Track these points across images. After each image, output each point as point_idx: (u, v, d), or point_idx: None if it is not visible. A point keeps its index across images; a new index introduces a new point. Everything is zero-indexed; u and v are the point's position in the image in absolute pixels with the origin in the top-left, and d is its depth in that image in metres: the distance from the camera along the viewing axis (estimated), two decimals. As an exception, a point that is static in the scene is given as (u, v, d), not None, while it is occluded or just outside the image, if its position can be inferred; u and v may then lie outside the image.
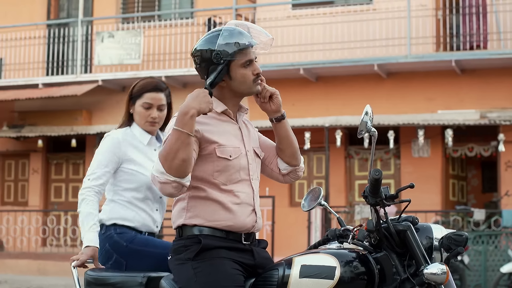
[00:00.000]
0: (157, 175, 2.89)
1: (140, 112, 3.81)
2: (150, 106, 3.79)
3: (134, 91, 3.82)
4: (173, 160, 2.86)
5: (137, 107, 3.82)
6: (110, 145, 3.76)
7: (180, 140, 2.87)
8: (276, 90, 3.21)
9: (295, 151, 3.31)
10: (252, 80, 3.11)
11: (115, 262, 3.63)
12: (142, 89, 3.80)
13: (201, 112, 2.93)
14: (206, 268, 2.98)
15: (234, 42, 3.05)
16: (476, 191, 17.01)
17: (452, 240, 3.00)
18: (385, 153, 14.61)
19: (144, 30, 15.91)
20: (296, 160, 3.33)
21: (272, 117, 3.23)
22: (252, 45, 3.09)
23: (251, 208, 3.13)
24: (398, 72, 14.46)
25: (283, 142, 3.27)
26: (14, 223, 16.19)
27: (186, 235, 3.08)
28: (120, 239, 3.66)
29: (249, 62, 3.10)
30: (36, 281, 13.57)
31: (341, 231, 3.27)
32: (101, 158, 3.74)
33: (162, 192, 2.93)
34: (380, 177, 2.93)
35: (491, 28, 14.00)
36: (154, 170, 2.92)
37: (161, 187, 2.90)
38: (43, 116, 16.55)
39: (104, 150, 3.77)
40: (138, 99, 3.81)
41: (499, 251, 12.26)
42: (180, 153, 2.87)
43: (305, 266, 2.96)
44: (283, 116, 3.23)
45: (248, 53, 3.08)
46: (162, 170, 2.87)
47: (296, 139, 3.33)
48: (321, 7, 15.09)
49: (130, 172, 3.75)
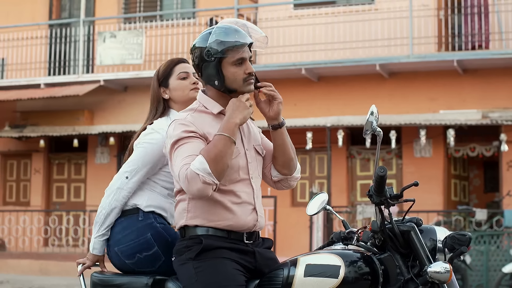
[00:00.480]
0: (203, 175, 2.89)
1: (179, 84, 3.54)
2: (187, 74, 3.56)
3: (161, 73, 3.57)
4: (219, 163, 2.91)
5: (172, 83, 3.54)
6: (159, 144, 3.37)
7: (227, 146, 2.94)
8: (280, 97, 3.17)
9: (288, 161, 3.26)
10: (242, 78, 3.08)
11: (152, 255, 3.31)
12: (168, 67, 3.57)
13: (244, 121, 3.03)
14: (207, 268, 2.98)
15: (225, 40, 3.04)
16: (478, 191, 17.01)
17: (456, 240, 3.01)
18: (387, 153, 14.61)
19: (146, 30, 15.91)
20: (287, 170, 3.29)
21: (269, 123, 3.21)
22: (244, 43, 3.06)
23: (252, 207, 3.13)
24: (400, 72, 14.46)
25: (277, 150, 3.24)
26: (16, 223, 16.21)
27: (188, 236, 3.08)
28: (164, 231, 3.35)
29: (241, 61, 3.07)
30: (38, 281, 13.58)
31: (346, 233, 3.27)
32: (148, 158, 3.39)
33: (198, 192, 2.91)
34: (385, 174, 2.93)
35: (493, 28, 14.00)
36: (197, 168, 2.89)
37: (203, 187, 2.89)
38: (45, 116, 16.56)
39: (152, 149, 3.39)
40: (170, 77, 3.55)
41: (501, 251, 12.27)
42: (227, 158, 2.94)
43: (310, 265, 2.97)
44: (279, 125, 3.19)
45: (239, 51, 3.06)
46: (209, 171, 2.89)
47: (294, 148, 3.29)
48: (323, 7, 15.09)
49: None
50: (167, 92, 3.55)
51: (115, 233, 3.39)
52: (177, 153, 2.99)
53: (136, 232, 3.32)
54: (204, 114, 3.12)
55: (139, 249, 3.31)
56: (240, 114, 3.01)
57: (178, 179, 2.96)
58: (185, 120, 3.06)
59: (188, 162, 2.93)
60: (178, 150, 3.00)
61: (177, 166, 2.96)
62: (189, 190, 2.94)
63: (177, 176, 2.95)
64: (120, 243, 3.36)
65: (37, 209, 16.37)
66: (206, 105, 3.14)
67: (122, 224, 3.38)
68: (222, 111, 3.12)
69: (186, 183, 2.91)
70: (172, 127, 3.07)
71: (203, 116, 3.11)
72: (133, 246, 3.32)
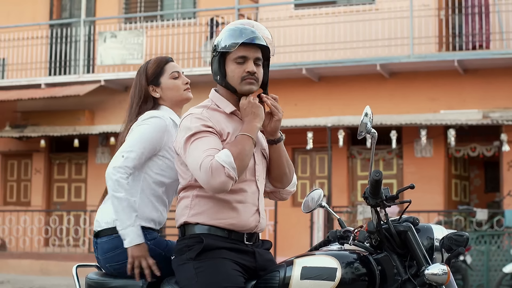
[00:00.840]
0: (229, 168, 2.89)
1: (173, 84, 3.44)
2: (178, 74, 3.47)
3: (151, 71, 3.45)
4: (242, 161, 2.94)
5: (165, 82, 3.44)
6: (159, 126, 3.28)
7: (249, 145, 2.98)
8: (279, 115, 3.14)
9: (281, 176, 3.26)
10: (240, 77, 3.07)
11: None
12: (159, 65, 3.46)
13: (262, 122, 3.08)
14: (207, 268, 2.97)
15: (231, 36, 3.06)
16: (479, 191, 17.00)
17: (453, 241, 2.99)
18: (388, 153, 14.60)
19: (147, 30, 15.91)
20: (280, 184, 3.29)
21: (267, 137, 3.21)
22: (249, 42, 3.05)
23: (255, 208, 3.13)
24: (401, 72, 14.45)
25: (271, 163, 3.24)
26: (17, 223, 16.20)
27: (188, 235, 3.07)
28: (156, 246, 3.22)
29: (243, 59, 3.07)
30: (38, 281, 13.58)
31: (342, 232, 3.26)
32: (146, 136, 3.24)
33: (221, 185, 2.88)
34: (381, 178, 2.92)
35: (494, 28, 13.98)
36: (223, 161, 2.89)
37: (226, 180, 2.89)
38: (45, 116, 16.56)
39: (152, 129, 3.26)
40: (161, 76, 3.44)
41: (501, 251, 12.25)
42: (248, 158, 2.99)
43: (306, 268, 2.95)
44: (274, 141, 3.19)
45: (243, 50, 3.06)
46: (234, 166, 2.91)
47: (292, 165, 3.29)
48: (324, 7, 15.08)
49: (168, 161, 3.30)
50: (157, 91, 3.46)
51: (104, 250, 3.27)
52: (195, 145, 2.96)
53: (126, 252, 3.16)
54: (217, 113, 3.11)
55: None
56: (258, 117, 3.04)
57: (198, 170, 2.90)
58: (201, 115, 3.05)
59: (211, 154, 2.90)
60: (196, 142, 2.97)
61: (198, 157, 2.91)
62: (209, 182, 2.89)
63: (198, 166, 2.90)
64: (112, 261, 3.26)
65: (38, 209, 16.37)
66: (218, 104, 3.14)
67: (113, 243, 3.24)
68: (235, 111, 3.12)
69: (209, 174, 2.87)
70: (188, 120, 3.05)
71: (217, 114, 3.10)
72: (126, 265, 3.18)
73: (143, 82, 3.44)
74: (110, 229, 3.26)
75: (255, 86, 3.10)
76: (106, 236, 3.27)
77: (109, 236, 3.26)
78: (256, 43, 3.07)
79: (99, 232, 3.31)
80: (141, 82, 3.45)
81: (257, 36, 3.07)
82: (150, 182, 3.31)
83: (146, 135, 3.24)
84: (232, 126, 3.11)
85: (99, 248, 3.29)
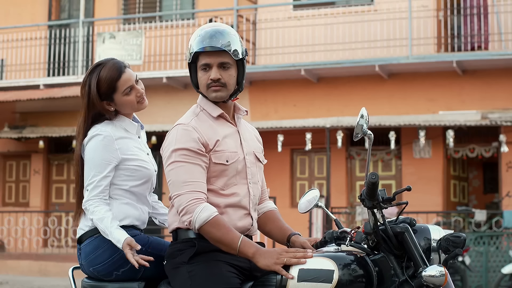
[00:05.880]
0: (196, 226, 2.96)
1: (126, 100, 3.36)
2: (131, 87, 3.35)
3: (103, 90, 3.32)
4: (211, 238, 3.00)
5: (118, 99, 3.35)
6: (104, 145, 3.27)
7: (228, 246, 2.99)
8: (283, 275, 2.93)
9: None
10: (206, 84, 3.06)
11: (130, 269, 3.17)
12: (111, 84, 3.32)
13: (261, 267, 2.97)
14: (201, 271, 2.95)
15: (195, 44, 3.06)
16: (478, 192, 17.00)
17: (450, 242, 2.98)
18: (386, 154, 14.61)
19: (145, 31, 15.91)
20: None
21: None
22: (210, 51, 3.01)
23: (246, 212, 3.12)
24: (399, 73, 14.46)
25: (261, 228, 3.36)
26: (15, 224, 16.20)
27: (181, 239, 3.06)
28: (138, 242, 3.17)
29: (207, 66, 3.05)
30: (37, 282, 13.57)
31: (339, 233, 3.24)
32: (96, 162, 3.26)
33: (183, 223, 3.02)
34: (377, 181, 2.91)
35: (492, 29, 14.00)
36: (199, 222, 2.95)
37: (187, 224, 2.99)
38: (44, 117, 16.56)
39: (97, 152, 3.27)
40: (114, 93, 3.33)
41: (500, 252, 12.25)
42: (217, 244, 2.99)
43: (303, 269, 2.93)
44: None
45: (206, 57, 3.04)
46: (203, 227, 2.96)
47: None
48: (322, 8, 15.09)
49: (133, 168, 3.31)
50: (112, 105, 3.37)
51: (87, 253, 3.25)
52: (177, 170, 2.97)
53: (108, 250, 3.19)
54: (205, 118, 3.11)
55: (115, 267, 3.21)
56: (264, 260, 2.93)
57: (177, 204, 2.98)
58: (188, 125, 3.03)
59: (194, 196, 2.95)
60: (178, 167, 2.97)
61: (179, 189, 2.97)
62: (175, 213, 3.04)
63: (179, 204, 2.96)
64: (95, 263, 3.24)
65: (37, 210, 16.37)
66: (205, 108, 3.13)
67: (93, 244, 3.24)
68: (222, 114, 3.11)
69: (182, 213, 2.96)
70: (175, 132, 3.04)
71: (205, 121, 3.09)
72: (109, 265, 3.20)
73: (96, 98, 3.33)
74: (92, 231, 3.27)
75: (222, 92, 3.07)
76: (88, 238, 3.27)
77: (90, 238, 3.26)
78: (210, 51, 3.02)
79: (81, 236, 3.31)
80: (93, 97, 3.33)
81: (210, 42, 3.02)
82: (122, 189, 3.32)
83: (96, 160, 3.25)
84: (221, 130, 3.09)
85: (82, 253, 3.28)
